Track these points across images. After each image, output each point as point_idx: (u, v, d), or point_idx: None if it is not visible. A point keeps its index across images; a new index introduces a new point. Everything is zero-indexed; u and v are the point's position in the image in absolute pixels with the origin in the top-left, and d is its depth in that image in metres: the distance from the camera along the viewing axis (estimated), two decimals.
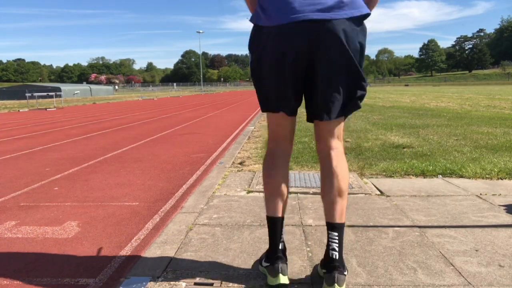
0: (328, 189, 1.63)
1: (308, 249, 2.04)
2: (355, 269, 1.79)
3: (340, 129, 1.69)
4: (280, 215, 1.66)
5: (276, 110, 1.67)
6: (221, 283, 1.70)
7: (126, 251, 2.14)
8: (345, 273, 1.59)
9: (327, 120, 1.63)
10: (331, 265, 1.56)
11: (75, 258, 2.06)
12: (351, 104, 1.63)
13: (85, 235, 2.39)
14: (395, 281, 1.68)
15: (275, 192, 1.66)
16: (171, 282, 1.71)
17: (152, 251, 2.06)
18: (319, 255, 1.94)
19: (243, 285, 1.68)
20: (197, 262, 1.91)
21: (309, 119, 1.73)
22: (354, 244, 2.07)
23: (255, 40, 1.62)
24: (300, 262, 1.88)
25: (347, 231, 2.25)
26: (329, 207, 1.63)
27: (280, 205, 1.66)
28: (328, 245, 1.61)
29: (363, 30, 1.56)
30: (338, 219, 1.61)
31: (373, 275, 1.74)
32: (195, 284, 1.70)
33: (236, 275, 1.77)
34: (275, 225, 1.65)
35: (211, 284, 1.69)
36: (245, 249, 2.05)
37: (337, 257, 1.56)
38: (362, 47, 1.56)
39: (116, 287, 1.73)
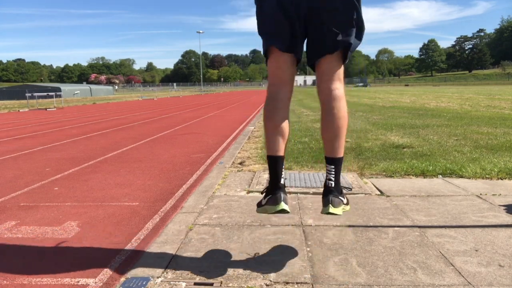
0: (328, 128, 1.77)
1: (308, 249, 2.03)
2: (355, 269, 1.79)
3: (340, 70, 1.79)
4: (280, 154, 1.79)
5: (279, 45, 1.76)
6: (221, 283, 1.70)
7: (126, 251, 2.14)
8: (341, 197, 1.77)
9: (328, 53, 1.74)
10: (327, 191, 1.77)
11: (75, 258, 2.06)
12: (351, 38, 1.75)
13: (85, 235, 2.39)
14: (395, 281, 1.68)
15: (275, 133, 1.78)
16: (171, 282, 1.71)
17: (152, 251, 2.06)
18: (319, 255, 1.94)
19: (243, 285, 1.68)
20: (197, 262, 1.91)
21: (311, 61, 1.82)
22: (354, 244, 2.07)
23: None
24: (300, 262, 1.88)
25: (347, 231, 2.25)
26: (328, 143, 1.80)
27: (280, 144, 1.78)
28: (326, 176, 1.81)
29: None
30: (335, 154, 1.79)
31: (373, 275, 1.74)
32: (195, 284, 1.70)
33: (236, 275, 1.77)
34: (276, 163, 1.78)
35: (211, 284, 1.69)
36: (245, 249, 2.05)
37: (333, 186, 1.77)
38: None
39: (116, 287, 1.73)
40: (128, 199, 3.18)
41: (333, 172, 1.78)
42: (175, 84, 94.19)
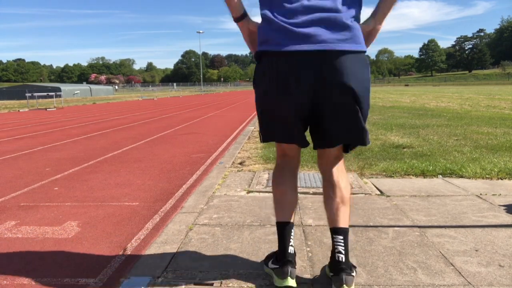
0: (332, 198, 1.70)
1: (308, 249, 2.04)
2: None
3: (341, 149, 1.74)
4: (287, 220, 1.72)
5: (286, 142, 1.70)
6: (221, 283, 1.70)
7: (126, 251, 2.14)
8: (353, 274, 1.62)
9: (330, 148, 1.70)
10: (338, 268, 1.60)
11: (75, 258, 2.07)
12: (354, 138, 1.64)
13: (85, 235, 2.39)
14: (395, 281, 1.68)
15: (283, 200, 1.74)
16: (171, 282, 1.71)
17: (152, 251, 2.06)
18: (319, 255, 1.94)
19: (243, 285, 1.68)
20: (197, 262, 1.91)
21: (314, 147, 1.74)
22: (354, 244, 2.07)
23: (259, 73, 1.60)
24: (300, 262, 1.88)
25: None
26: (333, 213, 1.69)
27: (288, 211, 1.73)
28: (334, 249, 1.65)
29: (367, 64, 1.58)
30: (342, 224, 1.66)
31: (373, 275, 1.74)
32: (195, 284, 1.70)
33: (236, 275, 1.77)
34: (283, 230, 1.71)
35: (211, 284, 1.69)
36: (245, 249, 2.05)
37: (343, 260, 1.61)
38: (367, 81, 1.59)
39: (116, 287, 1.73)
40: (128, 199, 3.18)
41: (342, 244, 1.63)
42: (175, 84, 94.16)
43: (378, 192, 3.07)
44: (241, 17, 1.64)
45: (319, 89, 1.50)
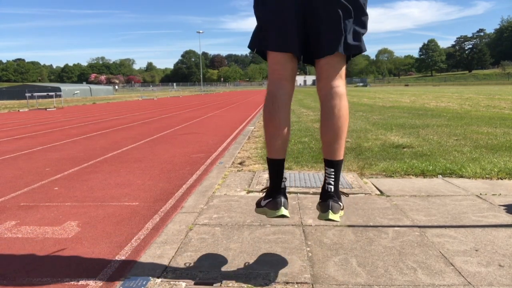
0: (327, 129, 1.65)
1: (308, 249, 2.04)
2: (355, 269, 1.79)
3: (342, 67, 1.66)
4: (281, 156, 1.69)
5: (281, 49, 1.64)
6: (221, 283, 1.70)
7: (126, 251, 2.14)
8: (340, 203, 1.64)
9: (328, 55, 1.61)
10: (326, 195, 1.63)
11: (75, 258, 2.06)
12: (352, 41, 1.60)
13: (85, 235, 2.39)
14: (395, 281, 1.68)
15: (276, 134, 1.67)
16: (171, 282, 1.71)
17: (152, 251, 2.06)
18: (319, 255, 1.94)
19: (243, 285, 1.68)
20: (197, 262, 1.91)
21: (310, 59, 1.69)
22: (354, 244, 2.07)
23: None
24: (300, 262, 1.88)
25: (347, 231, 2.25)
26: (327, 145, 1.66)
27: (281, 146, 1.68)
28: (324, 180, 1.66)
29: None
30: (335, 157, 1.65)
31: (373, 275, 1.74)
32: (195, 284, 1.70)
33: (236, 275, 1.77)
34: (276, 166, 1.69)
35: (211, 284, 1.69)
36: (245, 249, 2.05)
37: (332, 190, 1.63)
38: None
39: (116, 287, 1.73)
40: (128, 199, 3.18)
41: (333, 176, 1.65)
42: (175, 84, 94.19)
43: (378, 192, 3.07)
44: None
45: None
